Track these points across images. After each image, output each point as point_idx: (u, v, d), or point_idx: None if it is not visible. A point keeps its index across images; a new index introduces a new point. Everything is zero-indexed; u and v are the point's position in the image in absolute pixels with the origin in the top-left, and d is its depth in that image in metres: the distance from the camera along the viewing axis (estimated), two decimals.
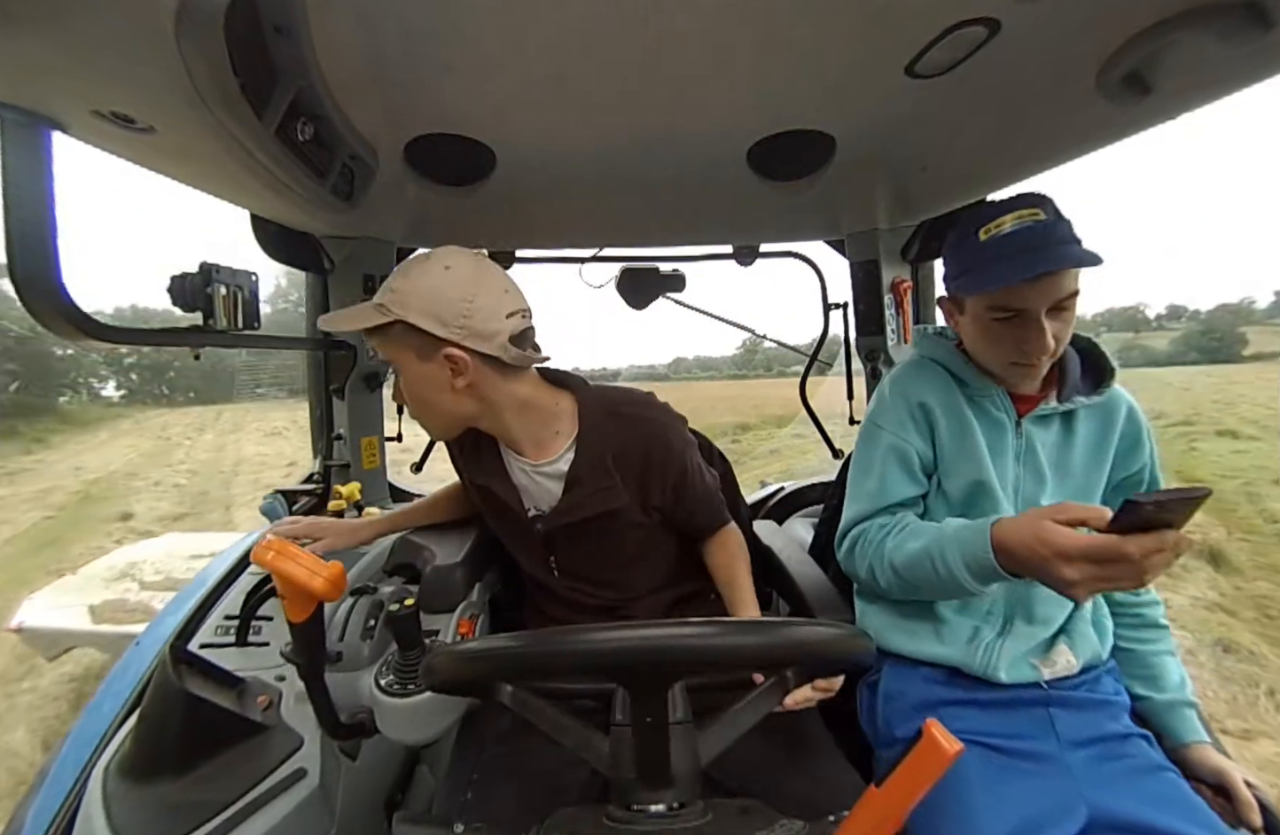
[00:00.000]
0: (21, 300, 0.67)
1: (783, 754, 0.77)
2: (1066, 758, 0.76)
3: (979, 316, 0.80)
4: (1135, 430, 0.88)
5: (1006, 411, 0.86)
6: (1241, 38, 0.60)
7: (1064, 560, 0.61)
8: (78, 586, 3.24)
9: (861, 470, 0.92)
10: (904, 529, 0.82)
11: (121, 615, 2.92)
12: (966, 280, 0.80)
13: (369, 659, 0.88)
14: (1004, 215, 0.76)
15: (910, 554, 0.78)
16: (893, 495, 0.87)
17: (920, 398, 0.88)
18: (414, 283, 0.76)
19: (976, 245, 0.78)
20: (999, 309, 0.77)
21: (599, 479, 0.86)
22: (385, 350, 0.81)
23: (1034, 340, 0.76)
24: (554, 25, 0.68)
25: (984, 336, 0.82)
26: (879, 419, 0.91)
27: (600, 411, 0.88)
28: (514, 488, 0.91)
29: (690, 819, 0.42)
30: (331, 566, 0.62)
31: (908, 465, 0.88)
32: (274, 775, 0.73)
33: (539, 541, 0.93)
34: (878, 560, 0.82)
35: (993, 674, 0.81)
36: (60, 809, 0.75)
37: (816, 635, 0.49)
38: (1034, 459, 0.86)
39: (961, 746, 0.35)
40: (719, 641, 0.44)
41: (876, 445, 0.90)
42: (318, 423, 1.52)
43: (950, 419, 0.87)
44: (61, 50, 0.55)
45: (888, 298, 1.42)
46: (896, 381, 0.93)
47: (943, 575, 0.73)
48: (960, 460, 0.86)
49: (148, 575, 3.32)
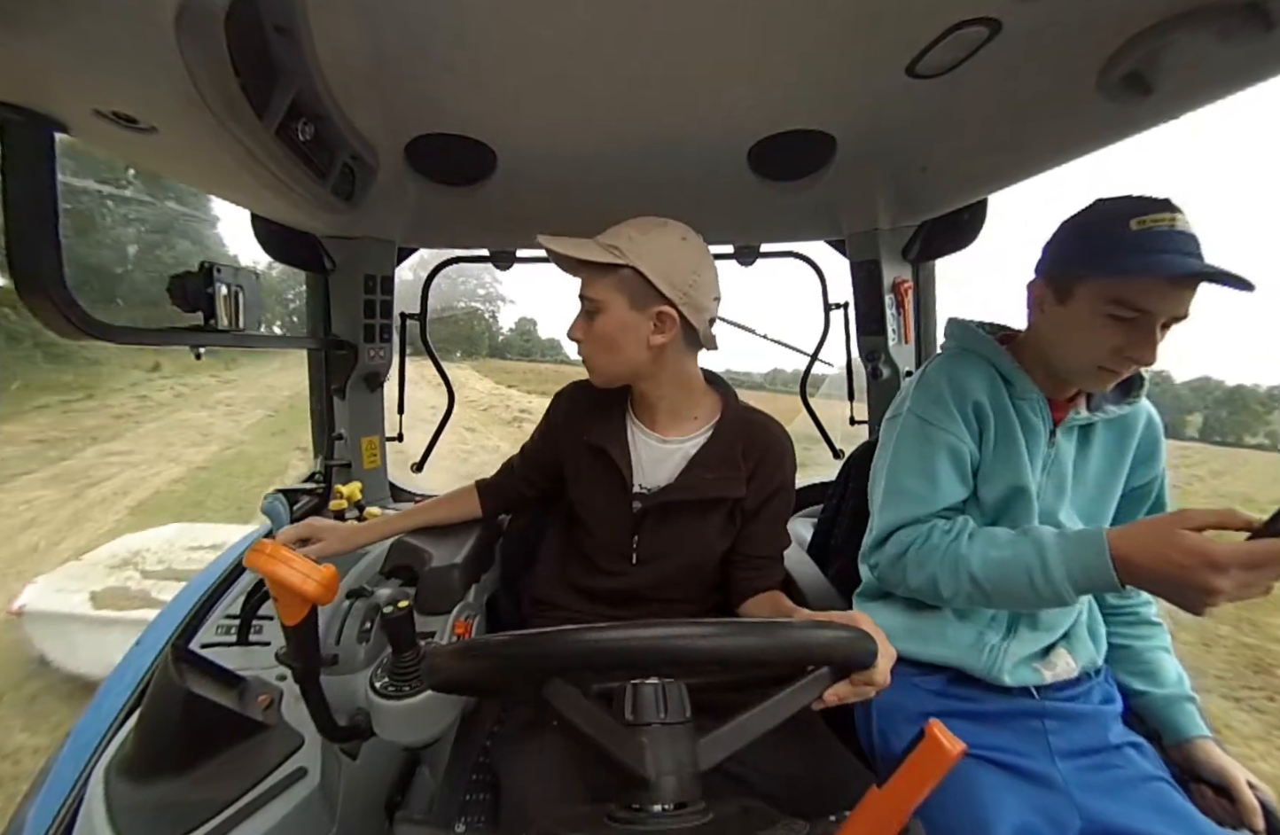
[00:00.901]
0: (22, 299, 0.67)
1: (784, 753, 0.77)
2: (1059, 770, 0.76)
3: (1092, 308, 0.74)
4: (1153, 439, 0.86)
5: (1044, 418, 0.83)
6: (1241, 38, 0.60)
7: (1213, 569, 0.58)
8: (81, 573, 3.28)
9: (906, 469, 0.85)
10: (973, 535, 0.78)
11: (123, 602, 2.98)
12: (1106, 262, 0.72)
13: (365, 661, 0.88)
14: (1159, 212, 0.71)
15: (996, 563, 0.73)
16: (948, 497, 0.83)
17: (975, 396, 0.83)
18: (653, 241, 0.80)
19: (1127, 233, 0.71)
20: (1124, 305, 0.71)
21: (725, 466, 0.89)
22: (595, 288, 0.82)
23: (1143, 346, 0.72)
24: (554, 25, 0.68)
25: (1086, 331, 0.75)
26: (928, 414, 0.84)
27: (740, 409, 0.94)
28: (628, 455, 0.92)
29: (691, 819, 0.42)
30: (324, 570, 0.62)
31: (961, 467, 0.83)
32: (274, 775, 0.73)
33: (632, 518, 0.92)
34: (947, 567, 0.76)
35: (996, 676, 0.81)
36: (61, 808, 0.75)
37: (837, 638, 0.50)
38: (1059, 469, 0.84)
39: (964, 746, 0.35)
40: (755, 642, 0.45)
41: (929, 443, 0.83)
42: (318, 422, 1.52)
43: (1000, 421, 0.83)
44: (63, 51, 0.55)
45: (888, 298, 1.41)
46: (949, 376, 0.85)
47: (1040, 586, 0.69)
48: (1002, 465, 0.83)
49: (150, 564, 3.39)
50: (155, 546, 3.60)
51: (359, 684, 0.84)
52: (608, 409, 0.95)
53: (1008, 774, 0.75)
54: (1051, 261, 0.81)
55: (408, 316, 1.59)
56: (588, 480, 0.97)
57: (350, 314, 1.41)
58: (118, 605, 2.96)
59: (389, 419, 1.60)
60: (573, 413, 0.99)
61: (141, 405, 12.69)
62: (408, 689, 0.73)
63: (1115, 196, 0.76)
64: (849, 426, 1.59)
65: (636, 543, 0.93)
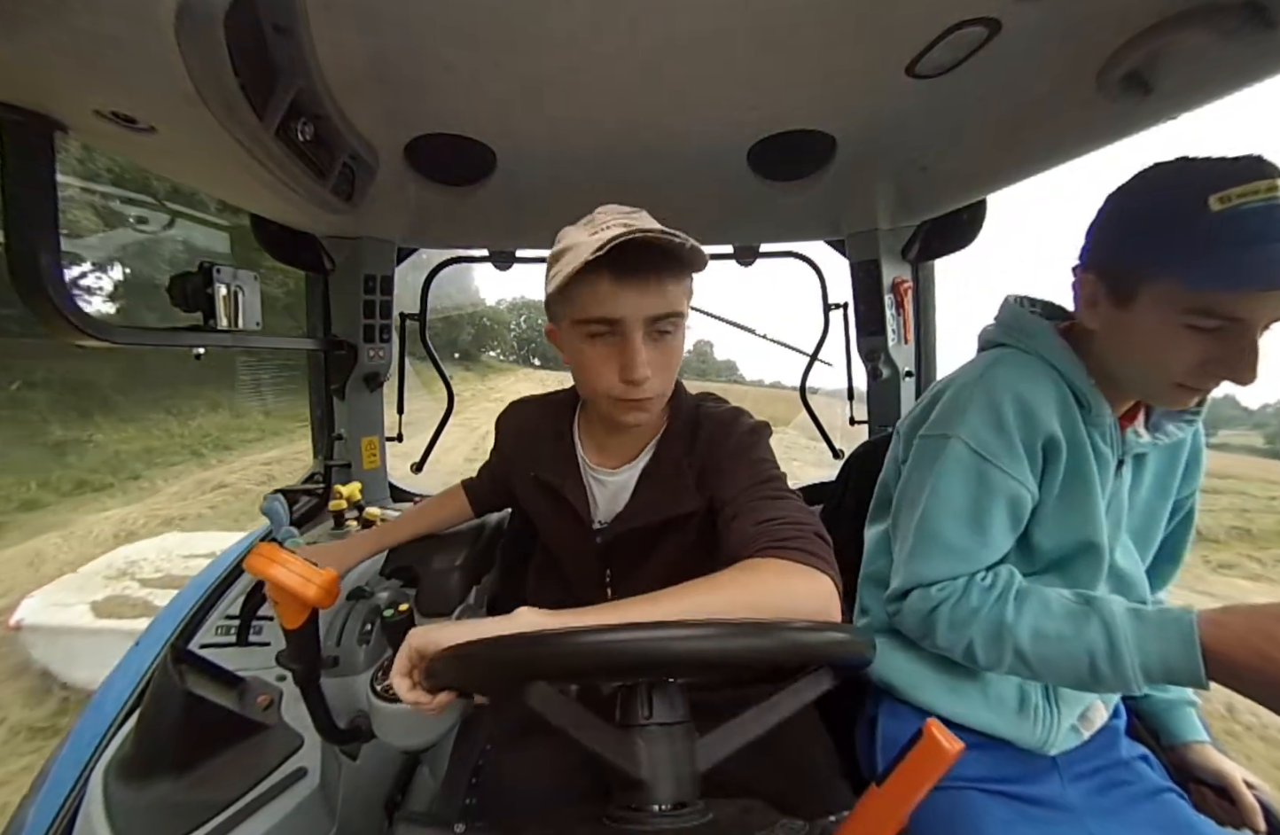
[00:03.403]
0: (21, 299, 0.67)
1: (784, 753, 0.77)
2: (1069, 793, 0.73)
3: (1165, 317, 0.57)
4: (1197, 452, 0.75)
5: (1114, 447, 0.67)
6: (1241, 37, 0.60)
7: None
8: (77, 585, 3.30)
9: (950, 514, 0.68)
10: (1020, 597, 0.64)
11: (124, 609, 3.02)
12: (1180, 262, 0.54)
13: (365, 664, 0.88)
14: (1250, 181, 0.52)
15: (1053, 640, 0.60)
16: (995, 553, 0.68)
17: (1049, 428, 0.65)
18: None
19: (1207, 217, 0.52)
20: (1207, 314, 0.55)
21: (671, 477, 0.80)
22: (676, 298, 0.67)
23: (1239, 362, 0.55)
24: (554, 25, 0.68)
25: (1158, 343, 0.59)
26: (987, 449, 0.66)
27: (691, 407, 0.84)
28: (585, 495, 0.85)
29: (690, 819, 0.42)
30: (325, 573, 0.62)
31: (1018, 515, 0.68)
32: (274, 775, 0.73)
33: (597, 553, 0.86)
34: (987, 634, 0.64)
35: (1046, 749, 0.73)
36: (61, 808, 0.75)
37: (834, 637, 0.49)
38: (1118, 503, 0.70)
39: (962, 745, 0.35)
40: (754, 643, 0.44)
41: (984, 487, 0.67)
42: (318, 423, 1.52)
43: (1073, 459, 0.66)
44: (63, 50, 0.55)
45: (888, 298, 1.41)
46: (1016, 397, 0.65)
47: (1104, 674, 0.57)
48: (1071, 513, 0.68)
49: (147, 573, 3.39)
50: (152, 556, 3.65)
51: (359, 686, 0.84)
52: (555, 440, 0.86)
53: (1019, 805, 0.71)
54: (1103, 252, 0.64)
55: (407, 317, 1.59)
56: (547, 516, 0.90)
57: (350, 314, 1.41)
58: (119, 613, 2.98)
59: (389, 419, 1.60)
60: (519, 444, 0.91)
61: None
62: None
63: (1182, 160, 0.57)
64: (850, 426, 1.59)
65: (610, 575, 0.87)
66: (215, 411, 12.26)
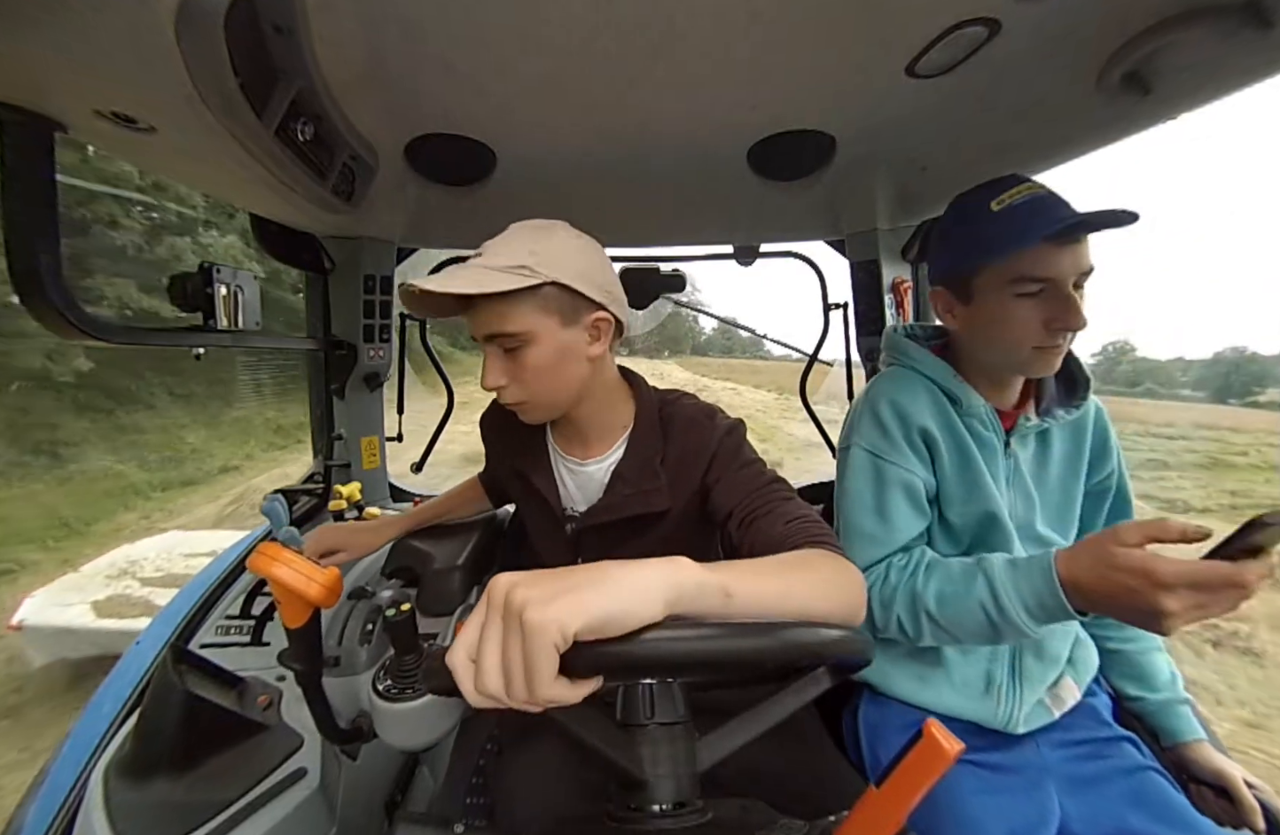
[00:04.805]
0: (21, 300, 0.67)
1: (783, 753, 0.77)
2: (1044, 762, 0.76)
3: (999, 296, 0.73)
4: (1103, 433, 0.85)
5: (995, 431, 0.80)
6: (1241, 38, 0.60)
7: (1164, 590, 0.53)
8: (78, 585, 3.29)
9: (859, 507, 0.80)
10: (928, 569, 0.74)
11: (126, 608, 3.03)
12: (984, 248, 0.72)
13: (367, 663, 0.88)
14: (1011, 188, 0.72)
15: (949, 598, 0.69)
16: (904, 534, 0.78)
17: (921, 422, 0.79)
18: (558, 246, 0.72)
19: (990, 216, 0.72)
20: (1025, 281, 0.70)
21: (644, 477, 0.82)
22: (515, 319, 0.70)
23: (1067, 312, 0.69)
24: (554, 25, 0.68)
25: (1004, 319, 0.73)
26: (877, 447, 0.80)
27: (658, 406, 0.86)
28: (554, 483, 0.89)
29: (690, 819, 0.42)
30: (328, 573, 0.62)
31: (915, 499, 0.79)
32: (274, 775, 0.73)
33: (568, 541, 0.90)
34: (905, 607, 0.73)
35: (1011, 728, 0.78)
36: (60, 809, 0.75)
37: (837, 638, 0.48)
38: (1021, 480, 0.81)
39: (963, 746, 0.35)
40: (752, 643, 0.43)
41: (880, 479, 0.79)
42: (318, 423, 1.52)
43: (951, 445, 0.79)
44: (63, 51, 0.55)
45: (888, 298, 1.41)
46: (890, 402, 0.81)
47: (996, 620, 0.65)
48: (965, 491, 0.79)
49: (148, 572, 3.39)
50: (153, 555, 3.65)
51: (361, 686, 0.84)
52: (529, 433, 0.90)
53: (997, 776, 0.74)
54: (939, 269, 0.82)
55: (407, 317, 1.59)
56: (523, 503, 0.97)
57: (350, 314, 1.41)
58: (121, 612, 2.97)
59: (389, 419, 1.60)
60: (499, 439, 0.97)
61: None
62: (410, 691, 0.73)
63: (965, 192, 0.78)
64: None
65: (581, 563, 0.89)
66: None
